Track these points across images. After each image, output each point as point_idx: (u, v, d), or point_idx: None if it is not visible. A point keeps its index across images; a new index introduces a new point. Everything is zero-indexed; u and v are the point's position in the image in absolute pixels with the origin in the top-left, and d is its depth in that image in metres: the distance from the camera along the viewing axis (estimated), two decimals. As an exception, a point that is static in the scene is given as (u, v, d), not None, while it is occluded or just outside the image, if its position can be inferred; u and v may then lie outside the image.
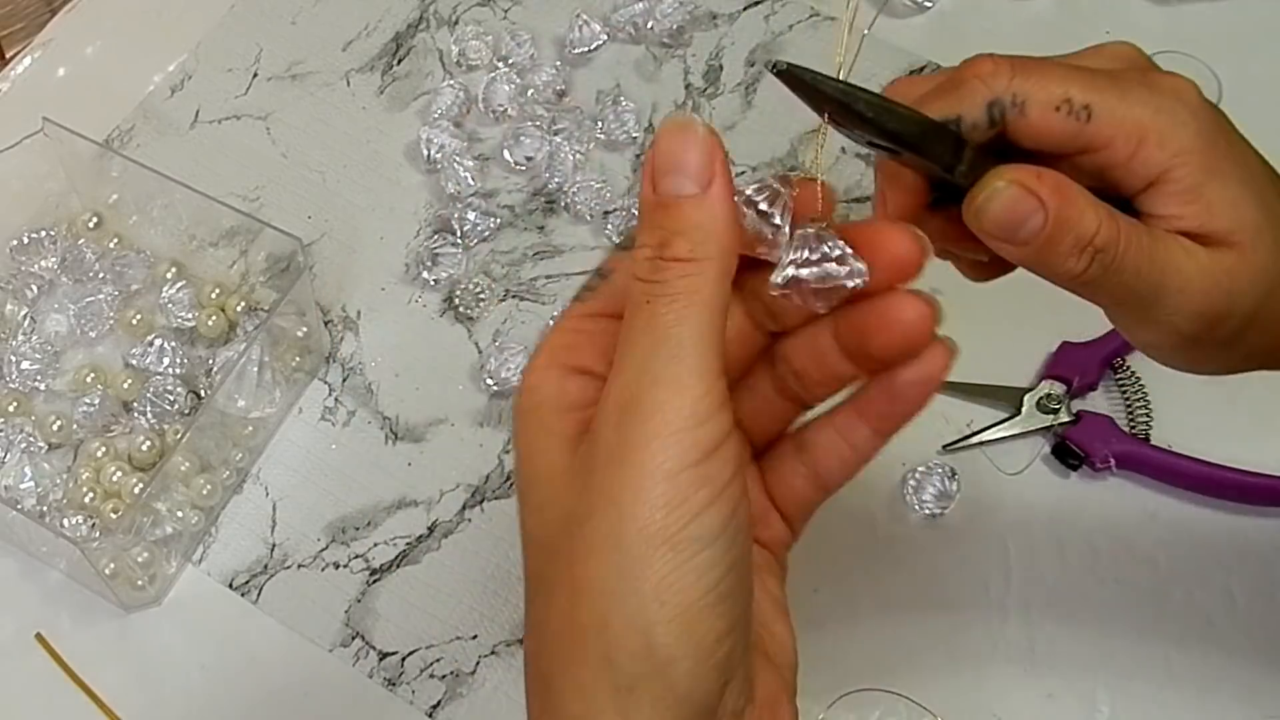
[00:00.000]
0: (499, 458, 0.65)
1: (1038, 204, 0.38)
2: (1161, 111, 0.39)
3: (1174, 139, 0.39)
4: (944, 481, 0.63)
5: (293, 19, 0.79)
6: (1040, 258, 0.39)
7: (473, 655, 0.60)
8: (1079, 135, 0.39)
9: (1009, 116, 0.39)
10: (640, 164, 0.74)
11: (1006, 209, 0.38)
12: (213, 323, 0.67)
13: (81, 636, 0.60)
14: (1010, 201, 0.38)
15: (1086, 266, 0.39)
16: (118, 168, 0.67)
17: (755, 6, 0.79)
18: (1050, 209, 0.38)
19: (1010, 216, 0.38)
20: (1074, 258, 0.39)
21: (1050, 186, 0.38)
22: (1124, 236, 0.39)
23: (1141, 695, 0.60)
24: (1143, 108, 0.39)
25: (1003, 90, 0.39)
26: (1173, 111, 0.40)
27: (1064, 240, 0.38)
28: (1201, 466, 0.63)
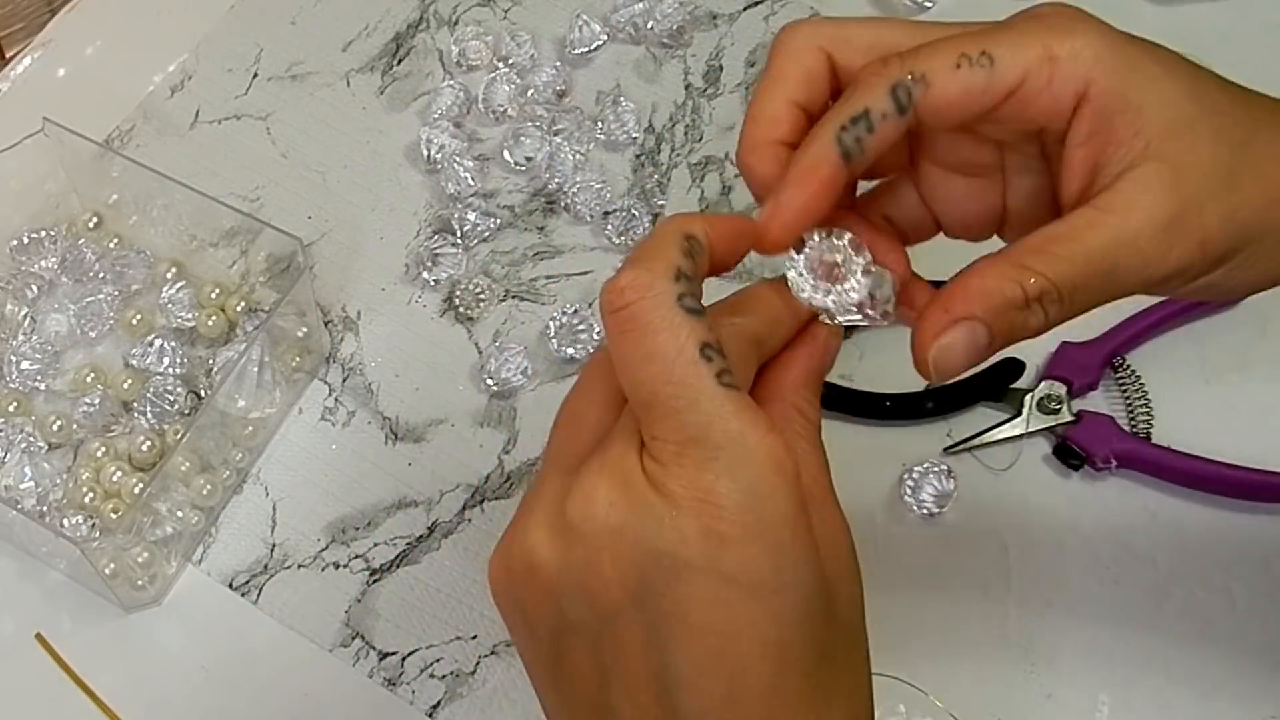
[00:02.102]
0: (499, 458, 0.65)
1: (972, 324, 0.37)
2: (1057, 30, 0.38)
3: (1082, 50, 0.38)
4: (942, 481, 0.63)
5: (293, 19, 0.79)
6: (1003, 347, 0.38)
7: (473, 655, 0.60)
8: (990, 84, 0.38)
9: (915, 94, 0.38)
10: (640, 164, 0.74)
11: (962, 357, 0.38)
12: (213, 323, 0.67)
13: (81, 636, 0.60)
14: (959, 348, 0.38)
15: (1044, 316, 0.38)
16: (118, 168, 0.67)
17: (755, 6, 0.79)
18: (982, 316, 0.37)
19: (969, 357, 0.38)
20: (1030, 319, 0.38)
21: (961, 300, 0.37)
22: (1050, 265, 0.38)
23: (1141, 695, 0.60)
24: (1040, 35, 0.38)
25: (899, 73, 0.38)
26: (1069, 29, 0.39)
27: (1011, 317, 0.38)
28: (1203, 464, 0.63)
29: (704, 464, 0.34)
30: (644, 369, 0.35)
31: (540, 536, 0.36)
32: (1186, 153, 0.38)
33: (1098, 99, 0.38)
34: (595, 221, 0.72)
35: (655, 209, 0.72)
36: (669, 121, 0.75)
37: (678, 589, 0.34)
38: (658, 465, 0.35)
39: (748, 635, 0.34)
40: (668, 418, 0.35)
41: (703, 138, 0.75)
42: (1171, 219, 0.37)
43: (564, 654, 0.37)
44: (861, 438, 0.65)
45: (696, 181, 0.73)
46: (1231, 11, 0.80)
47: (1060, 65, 0.38)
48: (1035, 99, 0.38)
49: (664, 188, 0.73)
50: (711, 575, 0.34)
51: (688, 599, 0.34)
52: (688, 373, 0.34)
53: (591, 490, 0.35)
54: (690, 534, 0.34)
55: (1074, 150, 0.39)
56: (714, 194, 0.73)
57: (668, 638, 0.34)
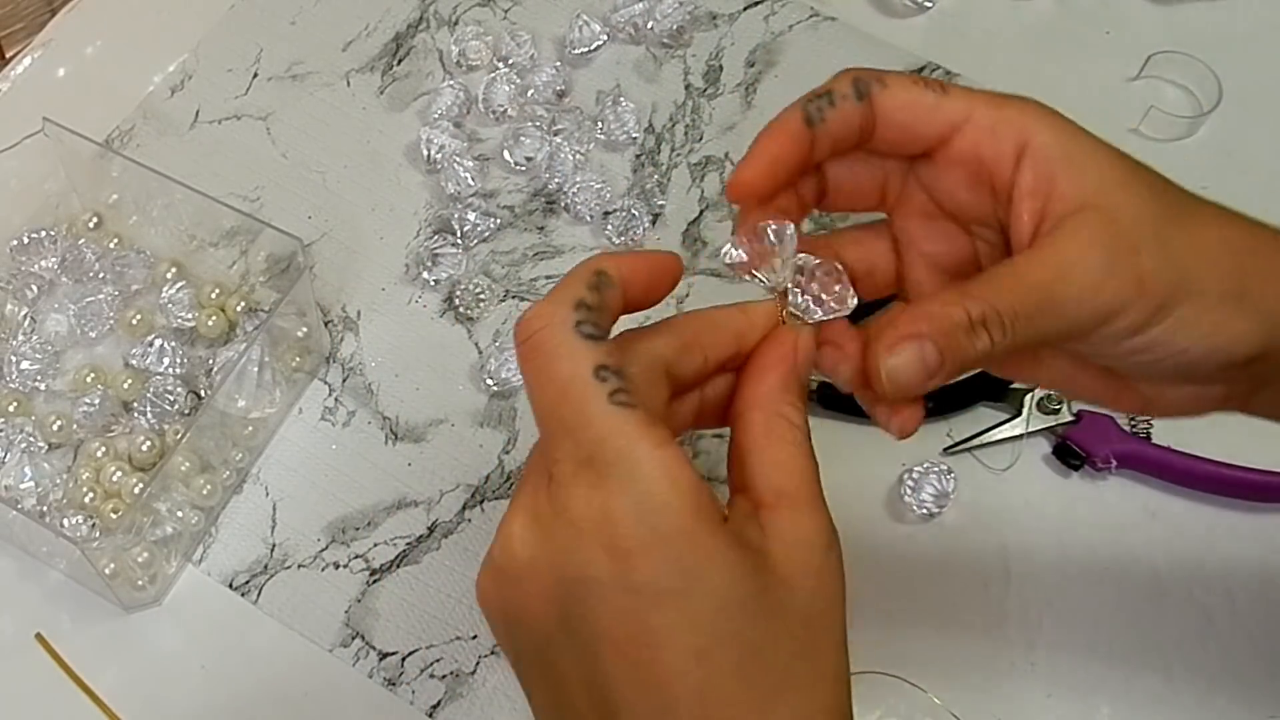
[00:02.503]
0: (499, 458, 0.65)
1: (920, 341, 0.39)
2: (1010, 97, 0.43)
3: (1029, 112, 0.42)
4: (941, 480, 0.63)
5: (293, 19, 0.79)
6: (955, 370, 0.40)
7: (473, 655, 0.60)
8: (938, 105, 0.42)
9: (873, 89, 0.42)
10: (640, 164, 0.74)
11: (914, 373, 0.40)
12: (213, 323, 0.67)
13: (81, 636, 0.60)
14: (910, 365, 0.40)
15: (990, 339, 0.40)
16: (118, 168, 0.67)
17: (755, 6, 0.79)
18: (930, 335, 0.39)
19: (920, 374, 0.40)
20: (976, 342, 0.40)
21: (909, 320, 0.40)
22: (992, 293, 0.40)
23: (1141, 695, 0.60)
24: (993, 94, 0.43)
25: (863, 73, 0.43)
26: (1020, 99, 0.43)
27: (957, 338, 0.40)
28: (1203, 464, 0.63)
29: (597, 482, 0.36)
30: (544, 392, 0.37)
31: (485, 580, 0.39)
32: (1122, 203, 0.41)
33: (1040, 151, 0.41)
34: (595, 221, 0.72)
35: (655, 209, 0.72)
36: (669, 121, 0.75)
37: (595, 609, 0.36)
38: (559, 488, 0.37)
39: (667, 643, 0.35)
40: (564, 438, 0.36)
41: (703, 138, 0.75)
42: (1106, 254, 0.40)
43: (525, 680, 0.40)
44: (861, 438, 0.65)
45: (696, 181, 0.73)
46: (1231, 11, 0.80)
47: (1005, 115, 0.42)
48: (980, 140, 0.42)
49: (664, 188, 0.73)
50: (620, 590, 0.35)
51: (604, 616, 0.36)
52: (582, 393, 0.36)
53: (509, 530, 0.38)
54: (594, 554, 0.35)
55: (1021, 202, 0.42)
56: (714, 193, 0.73)
57: (597, 657, 0.36)
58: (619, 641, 0.35)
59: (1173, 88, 0.77)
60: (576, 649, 0.36)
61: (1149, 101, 0.76)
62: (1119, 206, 0.41)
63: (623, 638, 0.35)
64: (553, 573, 0.36)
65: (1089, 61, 0.78)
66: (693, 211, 0.72)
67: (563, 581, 0.36)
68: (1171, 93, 0.77)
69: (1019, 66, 0.78)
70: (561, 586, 0.36)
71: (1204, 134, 0.75)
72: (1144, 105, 0.75)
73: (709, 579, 0.35)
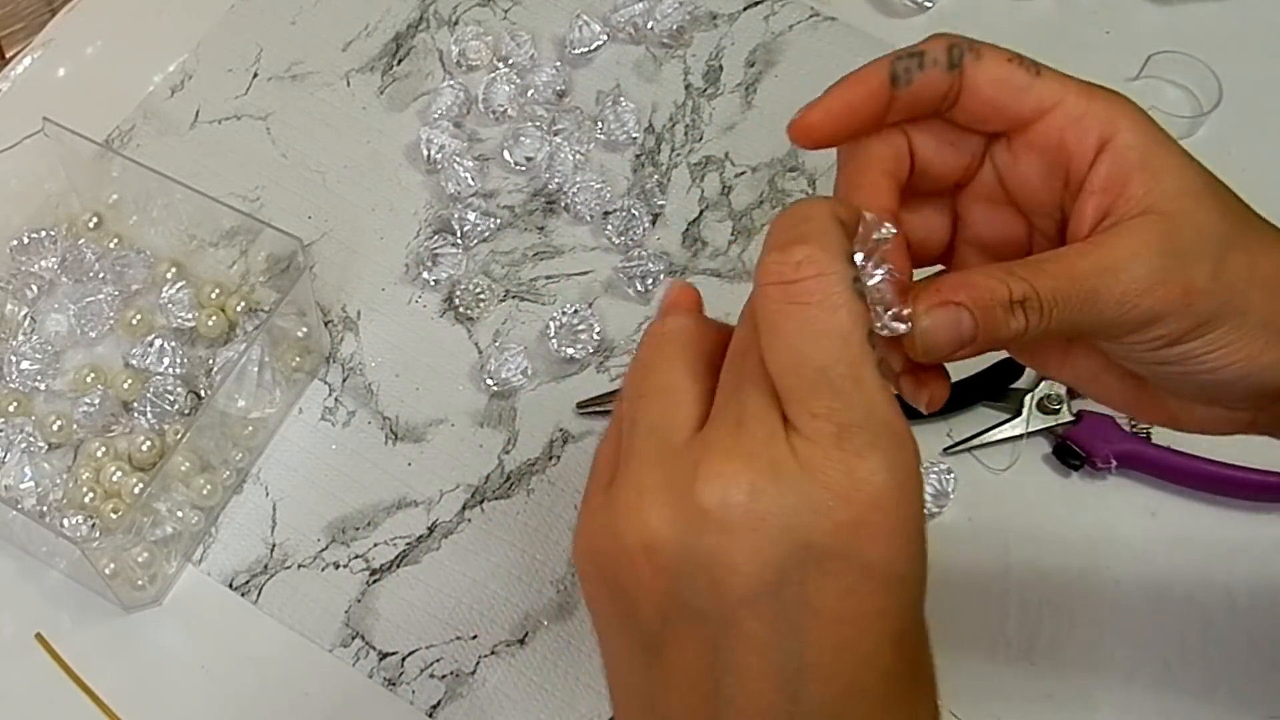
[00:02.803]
0: (499, 458, 0.65)
1: (958, 309, 0.39)
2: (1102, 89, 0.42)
3: (1119, 107, 0.42)
4: (941, 480, 0.63)
5: (293, 19, 0.79)
6: (987, 344, 0.40)
7: (473, 655, 0.60)
8: (1030, 87, 0.41)
9: (967, 58, 0.41)
10: (640, 164, 0.74)
11: (946, 338, 0.39)
12: (213, 323, 0.67)
13: (81, 636, 0.60)
14: (943, 327, 0.39)
15: (1026, 320, 0.39)
16: (118, 168, 0.67)
17: (755, 6, 0.79)
18: (969, 304, 0.39)
19: (952, 340, 0.39)
20: (1012, 321, 0.39)
21: (952, 286, 0.39)
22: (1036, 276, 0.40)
23: (1141, 695, 0.60)
24: (1087, 85, 0.42)
25: (959, 40, 0.42)
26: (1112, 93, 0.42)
27: (994, 311, 0.39)
28: (1203, 464, 0.63)
29: (864, 451, 0.34)
30: (814, 344, 0.35)
31: (662, 516, 0.35)
32: (1188, 214, 0.40)
33: (1120, 151, 0.41)
34: (595, 221, 0.72)
35: (655, 209, 0.72)
36: (669, 121, 0.75)
37: (818, 580, 0.34)
38: (812, 446, 0.34)
39: (877, 626, 0.35)
40: (835, 397, 0.34)
41: (703, 138, 0.75)
42: (1160, 261, 0.40)
43: (671, 638, 0.36)
44: (861, 438, 0.65)
45: (696, 181, 0.73)
46: (1231, 11, 0.80)
47: (1095, 108, 0.41)
48: (1066, 128, 0.41)
49: (664, 188, 0.73)
50: (853, 565, 0.34)
51: (826, 589, 0.34)
52: (858, 356, 0.34)
53: (734, 476, 0.34)
54: (840, 523, 0.34)
55: (1087, 197, 0.41)
56: (714, 194, 0.73)
57: (799, 627, 0.34)
58: (833, 615, 0.34)
59: (1173, 88, 0.77)
60: (777, 613, 0.34)
61: (1149, 101, 0.75)
62: (1184, 217, 0.40)
63: (838, 612, 0.34)
64: (785, 534, 0.34)
65: (1089, 61, 0.78)
66: (693, 211, 0.72)
67: (794, 544, 0.34)
68: (1171, 93, 0.77)
69: (1019, 66, 0.77)
70: (790, 549, 0.34)
71: (1204, 134, 0.75)
72: (1144, 105, 0.74)
73: (921, 568, 0.35)
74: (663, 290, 0.69)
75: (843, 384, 0.34)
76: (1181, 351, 0.41)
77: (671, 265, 0.70)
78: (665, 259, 0.70)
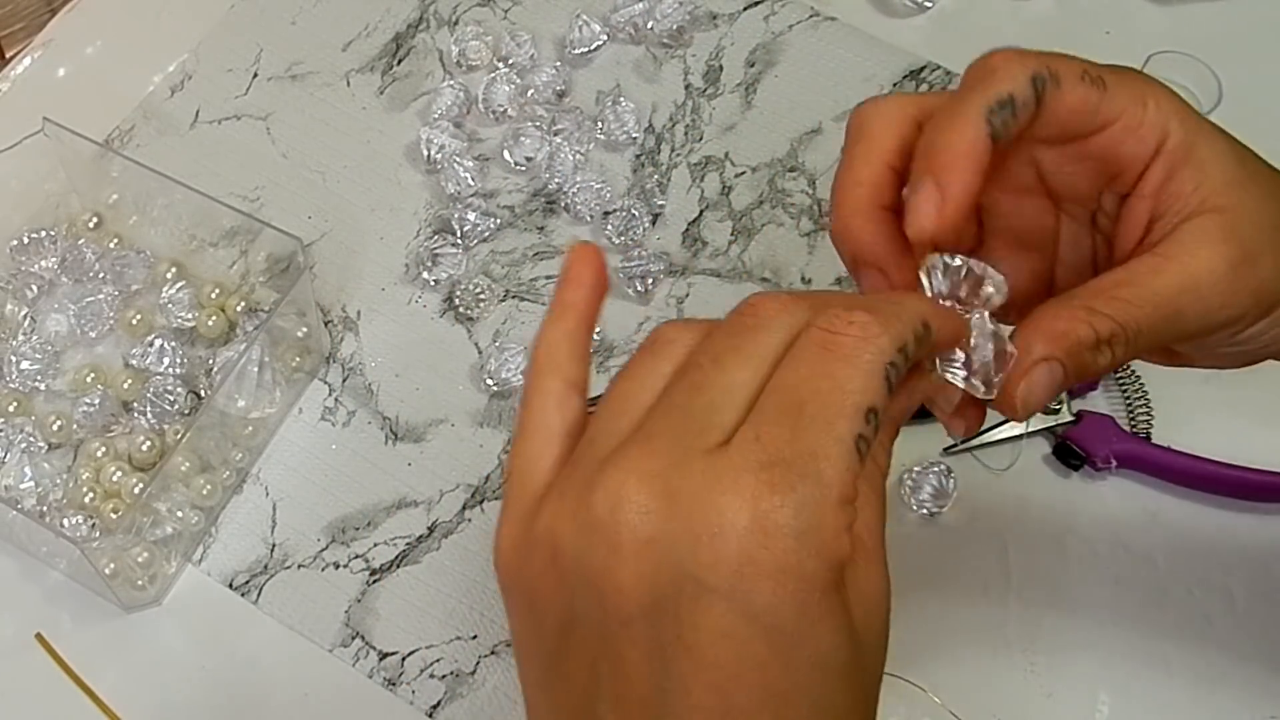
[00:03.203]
0: (499, 458, 0.65)
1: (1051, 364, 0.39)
2: (1147, 82, 0.42)
3: (1166, 100, 0.41)
4: (941, 480, 0.63)
5: (293, 19, 0.79)
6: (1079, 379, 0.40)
7: (473, 655, 0.60)
8: (1099, 105, 0.41)
9: (1047, 89, 0.40)
10: (640, 164, 0.74)
11: (1046, 394, 0.39)
12: (213, 323, 0.67)
13: (81, 636, 0.60)
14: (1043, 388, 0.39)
15: (1111, 356, 0.39)
16: (118, 168, 0.67)
17: (755, 6, 0.79)
18: (1060, 357, 0.39)
19: (1051, 393, 0.39)
20: (1100, 359, 0.39)
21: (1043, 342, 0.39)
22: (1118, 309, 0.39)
23: (1141, 695, 0.60)
24: (1135, 81, 0.41)
25: (1038, 66, 0.40)
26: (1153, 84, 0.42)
27: (1083, 356, 0.39)
28: (1203, 464, 0.63)
29: (780, 487, 0.32)
30: (809, 384, 0.33)
31: (564, 522, 0.34)
32: (1240, 207, 0.40)
33: (1172, 151, 0.40)
34: (595, 221, 0.72)
35: (655, 209, 0.72)
36: (669, 121, 0.75)
37: (695, 615, 0.32)
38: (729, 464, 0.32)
39: (752, 679, 0.32)
40: (790, 431, 0.33)
41: (703, 138, 0.75)
42: (1231, 268, 0.39)
43: (564, 652, 0.35)
44: (861, 438, 0.65)
45: (696, 181, 0.73)
46: (1231, 11, 0.80)
47: (1149, 111, 0.41)
48: (1125, 139, 0.41)
49: (664, 188, 0.73)
50: (734, 607, 0.32)
51: (702, 628, 0.32)
52: (844, 411, 0.33)
53: (626, 491, 0.33)
54: (726, 559, 0.32)
55: (1137, 201, 0.41)
56: (714, 194, 0.73)
57: (672, 661, 0.32)
58: (707, 658, 0.32)
59: (1172, 88, 0.77)
60: (653, 642, 0.33)
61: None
62: (1237, 210, 0.40)
63: (712, 656, 0.32)
64: (667, 563, 0.32)
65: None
66: (693, 211, 0.72)
67: (676, 574, 0.32)
68: (1171, 93, 0.77)
69: (1019, 66, 0.77)
70: (671, 578, 0.32)
71: (1204, 134, 0.75)
72: (1144, 105, 0.75)
73: (821, 637, 0.33)
74: (664, 290, 0.70)
75: (807, 426, 0.33)
76: (1248, 335, 0.41)
77: (671, 265, 0.70)
78: (665, 259, 0.70)
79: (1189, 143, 0.40)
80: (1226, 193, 0.40)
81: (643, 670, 0.33)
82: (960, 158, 0.38)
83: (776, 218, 0.72)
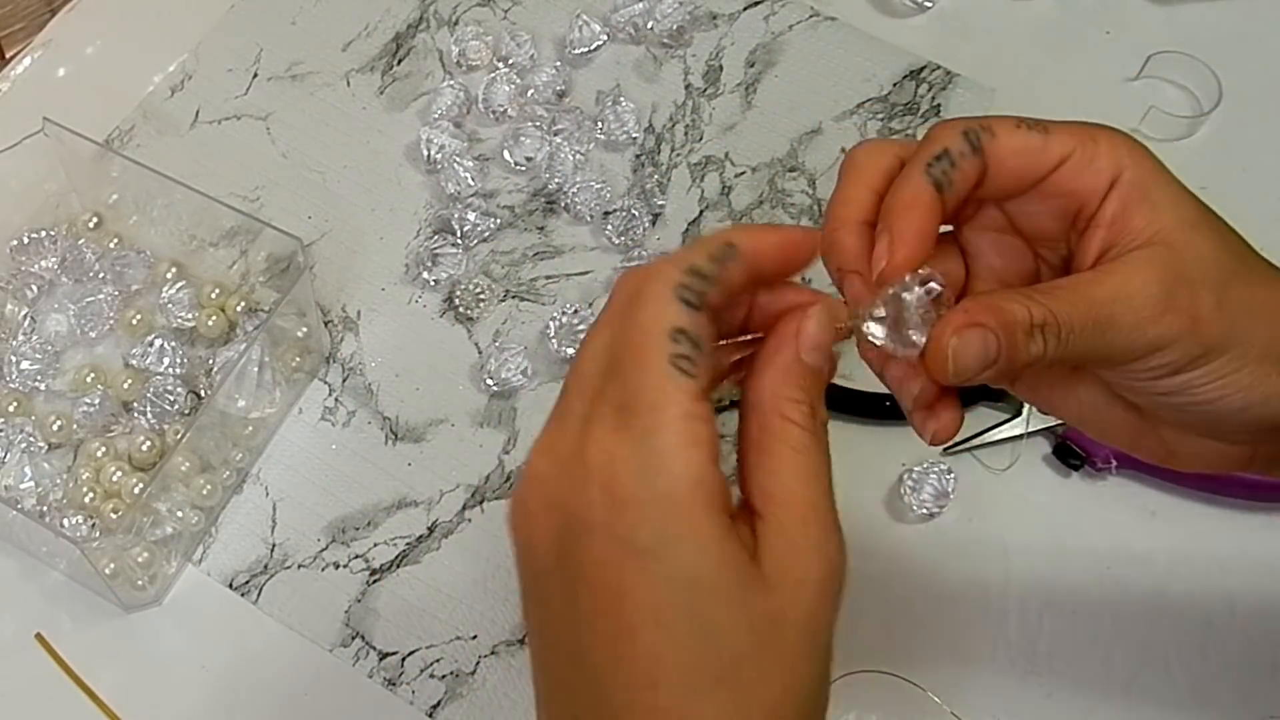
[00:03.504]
0: (499, 458, 0.65)
1: (985, 330, 0.41)
2: (1098, 127, 0.44)
3: (1118, 140, 0.43)
4: (941, 480, 0.63)
5: (293, 19, 0.79)
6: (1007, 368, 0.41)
7: (473, 655, 0.60)
8: (1044, 146, 0.43)
9: (984, 140, 0.42)
10: (640, 164, 0.74)
11: (975, 358, 0.41)
12: (213, 323, 0.67)
13: (81, 636, 0.60)
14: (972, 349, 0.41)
15: (1044, 345, 0.41)
16: (118, 168, 0.67)
17: (755, 6, 0.79)
18: (993, 326, 0.41)
19: (980, 360, 0.41)
20: (1031, 345, 0.41)
21: (978, 308, 0.41)
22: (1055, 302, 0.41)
23: (1141, 696, 0.60)
24: (1084, 126, 0.43)
25: (970, 123, 0.43)
26: (1108, 130, 0.44)
27: (1016, 335, 0.41)
28: (1201, 466, 0.63)
29: (619, 428, 0.36)
30: (619, 334, 0.37)
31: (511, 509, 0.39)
32: (1188, 244, 0.42)
33: (1126, 186, 0.42)
34: (595, 221, 0.72)
35: (655, 209, 0.72)
36: (669, 121, 0.75)
37: (583, 551, 0.36)
38: (587, 426, 0.37)
39: (631, 600, 0.36)
40: (613, 380, 0.37)
41: (703, 138, 0.75)
42: (1167, 289, 0.41)
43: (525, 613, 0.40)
44: (861, 438, 0.65)
45: (696, 181, 0.73)
46: (1231, 11, 0.80)
47: (1100, 148, 0.43)
48: (1079, 175, 0.43)
49: (664, 188, 0.73)
50: (607, 537, 0.36)
51: (588, 561, 0.36)
52: (646, 343, 0.36)
53: (531, 462, 0.38)
54: (595, 497, 0.36)
55: (1094, 231, 0.43)
56: (714, 194, 0.73)
57: (576, 598, 0.37)
58: (595, 587, 0.36)
59: (1173, 88, 0.77)
60: (563, 586, 0.37)
61: (1149, 101, 0.76)
62: (1186, 247, 0.42)
63: (598, 584, 0.36)
64: (559, 509, 0.37)
65: (1089, 61, 0.78)
66: (693, 211, 0.72)
67: (565, 518, 0.37)
68: (1171, 93, 0.77)
69: (1019, 66, 0.78)
70: (563, 523, 0.37)
71: (1204, 134, 0.75)
72: (1144, 105, 0.75)
73: (684, 552, 0.36)
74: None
75: (627, 369, 0.36)
76: (1184, 380, 0.42)
77: (671, 265, 0.70)
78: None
79: (1144, 180, 0.42)
80: (1178, 231, 0.42)
81: (561, 610, 0.37)
82: (906, 208, 0.42)
83: (776, 218, 0.72)
